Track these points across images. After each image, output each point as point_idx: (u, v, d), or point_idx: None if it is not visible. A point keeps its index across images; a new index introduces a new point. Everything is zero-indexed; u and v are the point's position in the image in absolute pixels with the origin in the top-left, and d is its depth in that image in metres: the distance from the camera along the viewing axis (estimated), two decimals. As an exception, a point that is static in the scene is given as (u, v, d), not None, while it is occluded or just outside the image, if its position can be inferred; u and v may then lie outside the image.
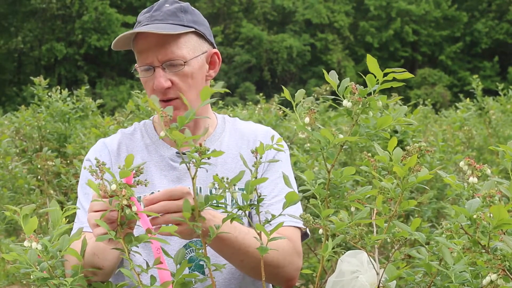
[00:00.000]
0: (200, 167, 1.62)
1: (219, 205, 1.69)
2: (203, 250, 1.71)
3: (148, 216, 1.69)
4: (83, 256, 1.74)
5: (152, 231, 1.66)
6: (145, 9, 2.17)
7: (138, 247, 1.65)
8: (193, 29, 2.11)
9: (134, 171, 1.61)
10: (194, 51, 2.11)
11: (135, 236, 1.64)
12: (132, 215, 1.59)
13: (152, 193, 2.11)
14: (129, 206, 1.59)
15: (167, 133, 1.58)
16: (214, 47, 2.19)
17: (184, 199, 1.69)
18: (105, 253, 1.79)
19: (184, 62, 2.08)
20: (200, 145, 1.61)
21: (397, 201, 1.60)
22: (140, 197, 2.11)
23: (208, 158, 1.61)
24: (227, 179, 1.63)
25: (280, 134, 5.96)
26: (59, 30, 37.39)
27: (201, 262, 2.09)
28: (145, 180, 1.63)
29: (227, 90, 1.93)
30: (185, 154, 1.65)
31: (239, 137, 2.24)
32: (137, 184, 1.62)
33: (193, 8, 2.18)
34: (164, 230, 1.69)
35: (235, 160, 2.17)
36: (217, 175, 1.64)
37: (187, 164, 1.64)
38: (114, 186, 1.57)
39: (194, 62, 2.11)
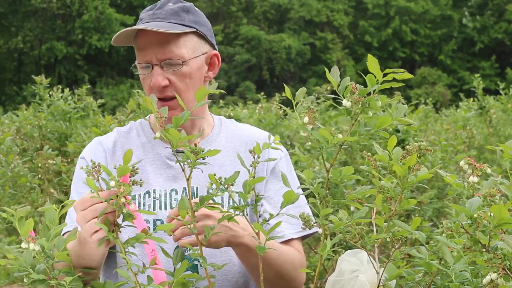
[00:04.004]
0: (195, 168, 1.62)
1: (215, 205, 1.69)
2: (198, 250, 1.71)
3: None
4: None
5: (148, 231, 1.65)
6: (148, 7, 2.16)
7: (134, 247, 1.65)
8: (194, 30, 2.10)
9: (130, 172, 1.61)
10: (194, 52, 2.10)
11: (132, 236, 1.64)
12: (130, 214, 1.58)
13: (147, 192, 2.12)
14: (126, 205, 1.58)
15: (162, 134, 1.58)
16: (214, 49, 2.18)
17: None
18: (91, 255, 1.74)
19: (183, 62, 2.07)
20: (195, 145, 1.60)
21: (397, 200, 1.61)
22: (134, 195, 2.11)
23: (203, 158, 1.61)
24: (224, 178, 1.63)
25: (281, 134, 5.98)
26: (59, 30, 37.41)
27: (195, 262, 2.07)
28: (140, 180, 1.63)
29: (222, 91, 1.90)
30: (183, 152, 1.64)
31: (237, 139, 2.22)
32: (133, 184, 1.61)
33: (196, 8, 2.17)
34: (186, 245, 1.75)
35: (233, 163, 2.15)
36: (214, 175, 1.64)
37: (182, 165, 1.64)
38: (113, 183, 1.56)
39: (193, 62, 2.10)
